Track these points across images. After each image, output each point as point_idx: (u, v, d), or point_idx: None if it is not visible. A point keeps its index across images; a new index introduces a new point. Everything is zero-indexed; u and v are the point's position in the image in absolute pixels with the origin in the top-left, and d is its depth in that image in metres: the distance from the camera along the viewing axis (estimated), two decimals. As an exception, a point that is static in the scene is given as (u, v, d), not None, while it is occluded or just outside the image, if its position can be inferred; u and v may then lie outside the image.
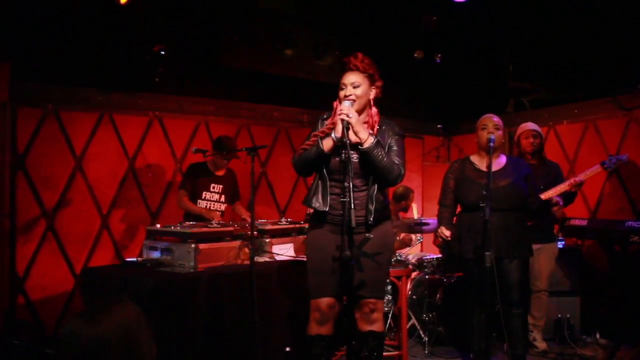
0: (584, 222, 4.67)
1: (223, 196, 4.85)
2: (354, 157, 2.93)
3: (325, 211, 3.01)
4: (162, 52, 4.70)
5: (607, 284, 5.19)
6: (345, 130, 2.78)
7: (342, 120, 2.81)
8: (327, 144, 2.93)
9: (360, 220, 2.87)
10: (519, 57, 6.19)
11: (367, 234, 2.84)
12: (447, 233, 3.83)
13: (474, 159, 3.90)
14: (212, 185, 4.79)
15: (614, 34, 5.27)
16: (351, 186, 2.69)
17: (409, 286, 4.66)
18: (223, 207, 4.86)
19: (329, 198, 3.00)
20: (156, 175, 5.19)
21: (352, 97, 2.95)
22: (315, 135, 2.98)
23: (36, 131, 4.62)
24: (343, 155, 2.88)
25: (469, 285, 3.82)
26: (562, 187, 4.33)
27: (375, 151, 2.88)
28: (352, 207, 2.64)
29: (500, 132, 3.76)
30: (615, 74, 5.32)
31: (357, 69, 3.00)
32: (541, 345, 4.63)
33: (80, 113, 4.83)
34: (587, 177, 4.42)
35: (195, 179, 4.72)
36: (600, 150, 5.38)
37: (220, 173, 4.84)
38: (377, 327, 3.03)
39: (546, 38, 5.78)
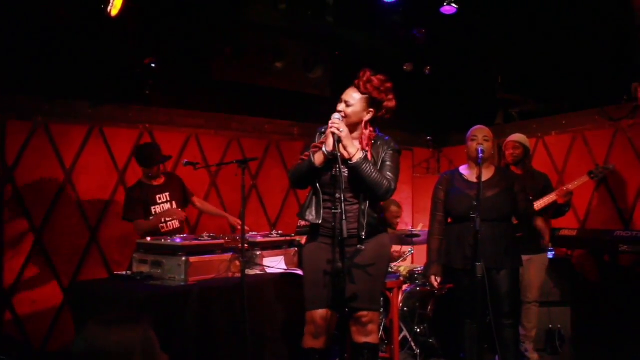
0: (574, 233, 4.70)
1: (173, 202, 4.49)
2: (345, 170, 2.94)
3: (319, 224, 3.02)
4: (153, 65, 4.70)
5: (597, 294, 5.21)
6: (336, 143, 2.81)
7: (333, 133, 2.83)
8: (318, 158, 2.94)
9: (353, 232, 2.88)
10: (507, 69, 6.26)
11: (358, 246, 2.84)
12: (435, 284, 3.83)
13: (464, 170, 3.92)
14: (157, 196, 4.43)
15: (600, 46, 5.35)
16: (342, 198, 2.70)
17: (400, 298, 4.65)
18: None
19: (322, 211, 3.00)
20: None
21: (342, 113, 2.97)
22: (315, 147, 2.99)
23: (25, 144, 4.60)
24: (335, 168, 2.90)
25: (459, 296, 3.81)
26: (551, 197, 4.38)
27: (364, 166, 2.88)
28: (344, 218, 2.64)
29: (489, 144, 3.79)
30: (602, 86, 5.40)
31: (357, 88, 3.00)
32: (533, 356, 4.62)
33: (70, 126, 4.82)
34: (575, 187, 4.48)
35: (138, 200, 4.36)
36: (588, 160, 5.44)
37: (159, 182, 4.47)
38: (372, 338, 3.03)
39: (534, 50, 5.86)
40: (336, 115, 2.93)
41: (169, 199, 4.49)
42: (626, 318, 4.72)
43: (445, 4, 5.86)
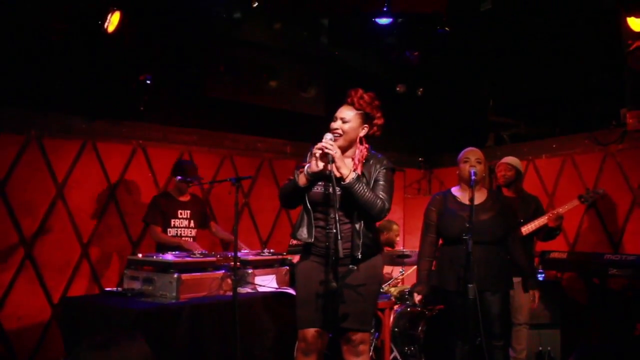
0: (564, 255, 4.73)
1: (192, 221, 4.78)
2: (338, 189, 2.96)
3: (311, 243, 3.03)
4: (148, 82, 4.71)
5: (587, 316, 5.24)
6: (329, 163, 2.83)
7: (324, 153, 2.85)
8: (301, 179, 2.96)
9: (346, 252, 2.88)
10: (499, 93, 6.36)
11: (350, 266, 2.85)
12: (417, 299, 3.85)
13: (456, 192, 3.94)
14: (179, 211, 4.72)
15: (590, 71, 5.46)
16: (337, 218, 2.72)
17: (391, 318, 4.64)
18: (194, 232, 4.81)
19: (314, 230, 3.01)
20: (137, 204, 5.14)
21: (339, 131, 2.99)
22: (301, 167, 3.01)
23: (17, 158, 4.57)
24: (327, 188, 2.93)
25: (451, 317, 3.81)
26: (542, 220, 4.42)
27: (356, 186, 2.89)
28: (339, 238, 2.66)
29: (482, 166, 3.82)
30: (591, 110, 5.49)
31: (352, 105, 3.04)
32: (523, 377, 4.62)
33: (63, 140, 4.80)
34: (566, 211, 4.52)
35: (162, 209, 4.65)
36: (578, 184, 5.51)
37: (185, 199, 4.79)
38: (363, 359, 3.02)
39: (526, 74, 5.96)
40: (328, 136, 2.95)
41: (189, 217, 4.77)
42: (615, 341, 4.74)
43: (438, 28, 5.97)
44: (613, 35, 5.19)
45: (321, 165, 2.88)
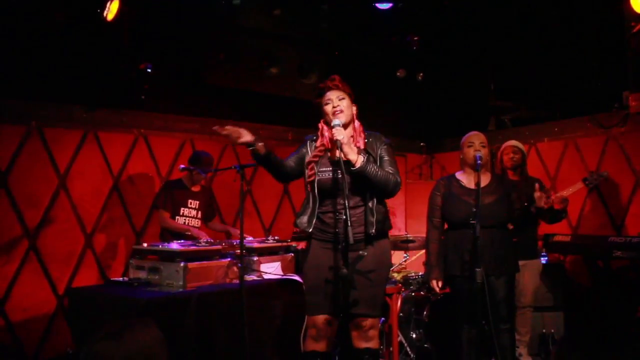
0: (568, 238, 4.74)
1: (200, 212, 4.84)
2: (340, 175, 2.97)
3: (319, 229, 3.06)
4: (149, 70, 4.68)
5: (590, 299, 5.27)
6: (339, 149, 2.84)
7: (336, 141, 2.88)
8: (260, 148, 3.08)
9: (359, 237, 2.90)
10: (500, 76, 6.33)
11: (361, 252, 2.86)
12: (438, 287, 3.84)
13: (460, 176, 3.94)
14: (189, 200, 4.77)
15: (592, 54, 5.43)
16: (346, 204, 2.72)
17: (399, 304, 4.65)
18: (199, 223, 4.84)
19: (315, 219, 3.03)
20: (141, 193, 5.13)
21: (340, 107, 3.02)
22: (310, 162, 3.08)
23: (19, 148, 4.55)
24: (338, 172, 2.94)
25: (457, 301, 3.83)
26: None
27: (368, 168, 2.93)
28: (349, 224, 2.67)
29: (486, 150, 3.82)
30: (593, 93, 5.47)
31: (338, 88, 3.10)
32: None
33: (65, 130, 4.77)
34: (570, 194, 4.52)
35: (173, 196, 4.70)
36: (580, 167, 5.51)
37: (196, 189, 4.83)
38: (373, 344, 3.05)
39: (527, 58, 5.93)
40: (336, 122, 2.97)
41: (197, 207, 4.82)
42: (618, 322, 4.78)
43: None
44: (615, 17, 5.16)
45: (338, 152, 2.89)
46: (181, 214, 4.73)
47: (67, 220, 4.72)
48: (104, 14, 4.41)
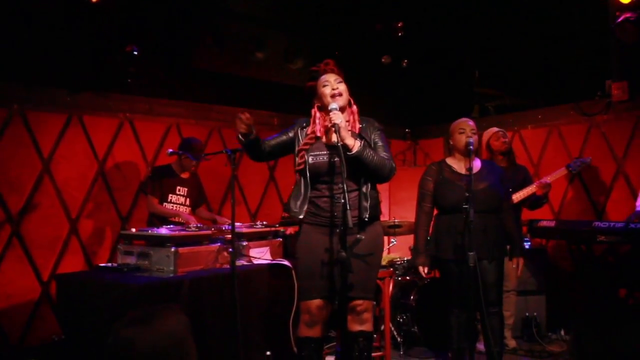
0: (553, 224, 4.84)
1: (188, 199, 4.79)
2: (336, 159, 2.97)
3: (313, 213, 3.05)
4: (135, 52, 4.58)
5: (570, 283, 5.39)
6: (336, 132, 2.83)
7: (333, 125, 2.86)
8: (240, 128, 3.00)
9: (354, 220, 2.90)
10: (484, 64, 6.38)
11: (358, 235, 2.87)
12: (424, 272, 3.87)
13: (451, 161, 3.96)
14: (178, 187, 4.73)
15: (576, 43, 5.51)
16: (345, 187, 2.72)
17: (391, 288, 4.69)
18: (188, 210, 4.80)
19: (306, 205, 3.03)
20: (127, 178, 5.06)
21: (338, 90, 3.02)
22: (301, 150, 3.06)
23: (1, 132, 4.42)
24: (334, 156, 2.93)
25: (448, 285, 3.88)
26: (530, 189, 4.52)
27: (365, 153, 2.92)
28: (348, 207, 2.67)
29: (476, 136, 3.86)
30: (577, 82, 5.56)
31: (333, 72, 3.10)
32: (511, 343, 4.76)
33: (48, 114, 4.65)
34: (554, 179, 4.63)
35: (162, 182, 4.64)
36: (563, 154, 5.60)
37: (185, 176, 4.78)
38: (367, 327, 3.07)
39: (511, 46, 5.99)
40: (334, 106, 2.95)
41: (186, 194, 4.78)
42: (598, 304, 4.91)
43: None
44: (598, 6, 5.24)
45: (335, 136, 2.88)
46: (169, 200, 4.68)
47: (51, 205, 4.63)
48: (90, -5, 4.31)
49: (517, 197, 4.51)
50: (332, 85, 3.03)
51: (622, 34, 4.83)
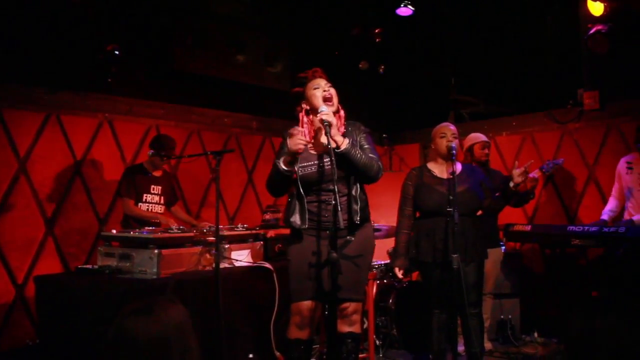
0: (528, 228, 4.96)
1: (162, 197, 4.75)
2: (327, 163, 2.99)
3: (305, 227, 3.05)
4: (117, 52, 4.53)
5: (544, 286, 5.53)
6: (327, 134, 2.84)
7: (323, 122, 2.86)
8: (283, 161, 2.95)
9: (345, 223, 2.92)
10: (460, 72, 6.51)
11: (348, 237, 2.89)
12: (400, 274, 3.91)
13: (432, 166, 4.02)
14: (152, 186, 4.68)
15: (549, 53, 5.68)
16: (336, 189, 2.75)
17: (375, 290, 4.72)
18: (162, 209, 4.77)
19: (307, 215, 3.02)
20: (105, 179, 4.98)
21: (329, 93, 3.06)
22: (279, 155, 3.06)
23: (-24, 131, 4.33)
24: (323, 164, 2.96)
25: (428, 287, 3.94)
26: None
27: (352, 152, 2.95)
28: (339, 209, 2.69)
29: (457, 141, 3.93)
30: (550, 90, 5.73)
31: (322, 78, 3.13)
32: (487, 345, 4.83)
33: (26, 112, 4.55)
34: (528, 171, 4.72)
35: (135, 182, 4.59)
36: (537, 160, 5.72)
37: (158, 174, 4.74)
38: (355, 328, 3.09)
39: (487, 54, 6.13)
40: (324, 108, 2.97)
41: (160, 192, 4.73)
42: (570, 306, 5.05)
43: (402, 5, 6.04)
44: (570, 18, 5.41)
45: (324, 138, 2.88)
46: (144, 200, 4.63)
47: (27, 206, 4.52)
48: (71, -8, 4.24)
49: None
50: (324, 87, 3.05)
51: (594, 45, 4.99)
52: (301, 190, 3.01)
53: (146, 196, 4.64)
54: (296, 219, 3.03)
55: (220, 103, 5.80)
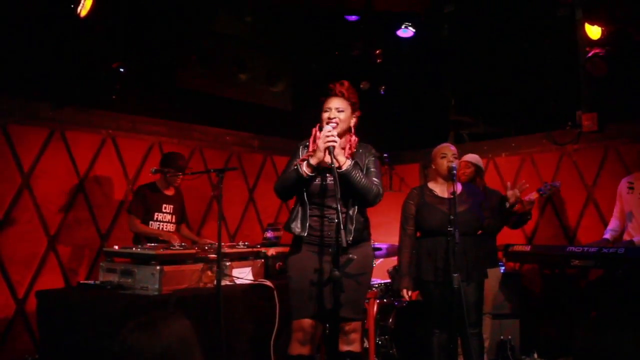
0: (528, 248, 4.98)
1: (174, 216, 4.74)
2: (330, 179, 3.02)
3: (304, 235, 3.07)
4: (122, 70, 4.58)
5: (543, 306, 5.53)
6: (330, 154, 2.88)
7: (327, 145, 2.89)
8: (306, 170, 2.99)
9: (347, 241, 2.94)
10: (460, 93, 6.58)
11: (350, 255, 2.91)
12: (407, 296, 3.91)
13: (432, 186, 4.06)
14: (164, 205, 4.66)
15: (548, 75, 5.76)
16: (339, 207, 2.77)
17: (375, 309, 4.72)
18: (174, 227, 4.75)
19: (307, 223, 3.05)
20: (107, 195, 5.00)
21: (336, 120, 3.05)
22: (303, 160, 3.05)
23: (-19, 146, 4.37)
24: (326, 178, 2.99)
25: (429, 307, 3.94)
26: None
27: (353, 173, 2.98)
28: (342, 227, 2.71)
29: (457, 161, 3.97)
30: (549, 112, 5.80)
31: (342, 96, 3.11)
32: (487, 366, 4.83)
33: (30, 127, 4.59)
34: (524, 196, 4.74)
35: (147, 200, 4.58)
36: (536, 181, 5.76)
37: (170, 192, 4.72)
38: (355, 347, 3.09)
39: (487, 75, 6.21)
40: (328, 127, 3.01)
41: (172, 211, 4.70)
42: (571, 327, 5.05)
43: (402, 27, 6.13)
44: (569, 41, 5.50)
45: (321, 156, 2.93)
46: (155, 218, 4.59)
47: (29, 221, 4.54)
48: (78, 10, 4.30)
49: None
50: (331, 114, 3.06)
51: (592, 68, 5.07)
52: (305, 198, 3.05)
53: (157, 215, 4.61)
54: (297, 225, 3.06)
55: (222, 121, 5.86)
